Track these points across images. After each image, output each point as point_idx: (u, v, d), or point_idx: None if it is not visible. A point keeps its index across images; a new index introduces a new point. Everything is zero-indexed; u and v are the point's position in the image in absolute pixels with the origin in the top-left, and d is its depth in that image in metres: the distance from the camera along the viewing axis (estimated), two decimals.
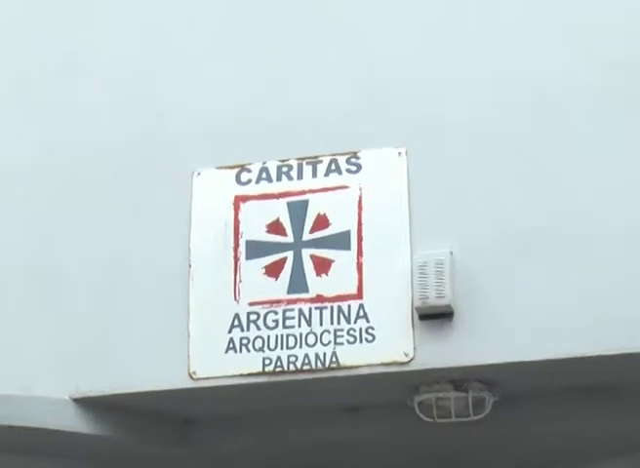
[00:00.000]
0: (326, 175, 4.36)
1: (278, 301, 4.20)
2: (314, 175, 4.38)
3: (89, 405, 4.47)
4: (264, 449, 5.08)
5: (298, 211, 4.35)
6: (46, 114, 5.20)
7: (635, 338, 3.91)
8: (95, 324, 4.58)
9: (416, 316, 4.02)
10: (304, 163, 4.41)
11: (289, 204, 4.36)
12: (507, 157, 4.41)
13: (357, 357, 4.07)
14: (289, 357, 4.13)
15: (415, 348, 4.03)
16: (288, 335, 4.18)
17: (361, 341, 4.11)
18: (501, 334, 4.07)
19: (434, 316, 4.02)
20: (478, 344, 4.03)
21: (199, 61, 5.06)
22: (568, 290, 4.08)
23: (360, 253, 4.23)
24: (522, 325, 4.07)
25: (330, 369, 4.12)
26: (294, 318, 4.20)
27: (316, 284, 4.20)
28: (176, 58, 5.11)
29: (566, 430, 4.65)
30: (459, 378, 4.12)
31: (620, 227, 4.19)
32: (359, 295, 4.15)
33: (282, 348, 4.18)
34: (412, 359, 4.02)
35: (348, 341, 4.11)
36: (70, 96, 5.15)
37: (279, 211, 4.35)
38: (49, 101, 5.22)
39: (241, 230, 4.36)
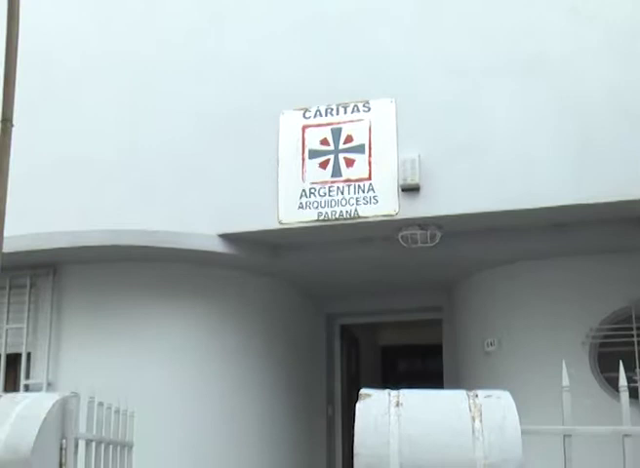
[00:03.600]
0: (351, 113, 5.87)
1: (325, 182, 5.83)
2: (345, 113, 5.88)
3: (227, 238, 6.05)
4: (323, 261, 6.72)
5: (336, 132, 5.87)
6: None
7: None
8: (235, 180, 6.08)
9: (400, 190, 5.64)
10: (340, 107, 5.90)
11: (331, 129, 5.88)
12: (453, 112, 5.75)
13: (368, 211, 5.70)
14: (332, 212, 5.75)
15: (399, 207, 5.64)
16: (331, 200, 5.77)
17: (370, 203, 5.70)
18: (442, 200, 5.61)
19: (409, 189, 5.62)
20: (431, 205, 5.60)
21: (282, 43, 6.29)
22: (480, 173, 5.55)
23: (370, 155, 5.77)
24: (455, 196, 5.60)
25: (354, 218, 5.71)
26: (334, 190, 5.79)
27: (346, 172, 5.79)
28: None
29: (488, 248, 6.20)
30: (422, 223, 5.73)
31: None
32: (369, 178, 5.76)
33: (328, 207, 5.79)
34: (397, 213, 5.63)
35: (364, 203, 5.71)
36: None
37: (326, 132, 5.88)
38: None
39: (306, 143, 5.91)
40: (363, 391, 2.67)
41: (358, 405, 2.60)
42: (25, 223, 5.77)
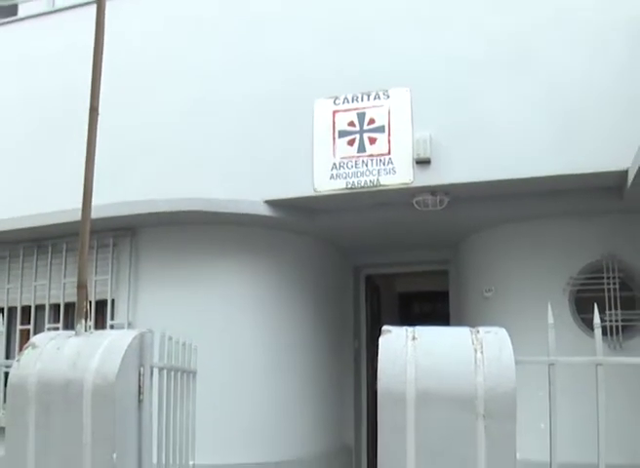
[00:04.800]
0: (374, 100, 5.86)
1: (352, 156, 5.84)
2: (368, 100, 5.86)
3: (271, 203, 6.08)
4: (351, 222, 6.66)
5: (361, 116, 5.87)
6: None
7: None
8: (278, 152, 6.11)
9: (414, 162, 5.65)
10: (364, 95, 5.89)
11: (357, 113, 5.88)
12: (459, 97, 5.67)
13: (388, 181, 5.72)
14: (357, 181, 5.78)
15: (413, 177, 5.66)
16: (357, 172, 5.81)
17: (390, 174, 5.72)
18: (449, 171, 5.60)
19: (422, 162, 5.62)
20: (440, 175, 5.61)
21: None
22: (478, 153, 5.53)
23: (389, 134, 5.77)
24: (460, 168, 5.60)
25: (376, 186, 5.74)
26: (359, 163, 5.80)
27: (369, 148, 5.80)
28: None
29: (488, 212, 6.18)
30: (432, 190, 5.73)
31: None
32: (389, 153, 5.76)
33: (354, 177, 5.82)
34: (412, 182, 5.65)
35: (384, 174, 5.74)
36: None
37: (352, 116, 5.89)
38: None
39: (336, 125, 5.94)
40: (385, 328, 2.68)
41: (380, 339, 2.62)
42: (108, 193, 5.76)
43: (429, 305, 11.81)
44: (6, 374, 3.00)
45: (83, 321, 3.05)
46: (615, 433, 3.34)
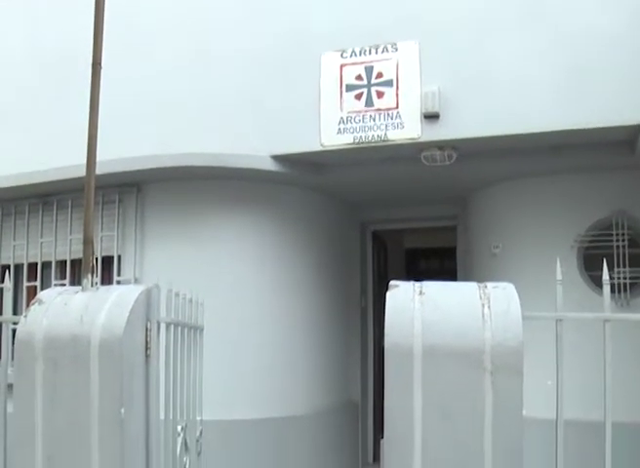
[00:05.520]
0: (382, 53, 5.77)
1: (360, 111, 5.76)
2: (376, 53, 5.77)
3: (278, 158, 6.05)
4: (358, 178, 6.70)
5: (368, 70, 5.78)
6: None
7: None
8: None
9: (422, 117, 5.56)
10: (372, 48, 5.79)
11: (365, 67, 5.79)
12: (466, 51, 5.58)
13: (396, 135, 5.65)
14: (365, 136, 5.71)
15: (421, 131, 5.58)
16: (364, 126, 5.73)
17: (397, 129, 5.64)
18: (457, 125, 5.53)
19: (430, 116, 5.54)
20: (448, 130, 5.53)
21: None
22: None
23: (397, 88, 5.69)
24: (469, 122, 5.53)
25: (383, 141, 5.68)
26: (367, 118, 5.71)
27: (377, 103, 5.72)
28: None
29: (496, 167, 6.23)
30: (441, 145, 5.65)
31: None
32: (397, 107, 5.68)
33: (362, 132, 5.70)
34: (420, 136, 5.58)
35: (392, 128, 5.67)
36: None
37: (360, 70, 5.80)
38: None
39: (343, 79, 5.85)
40: (392, 283, 2.68)
41: (388, 293, 2.62)
42: (113, 149, 5.67)
43: (436, 262, 11.84)
44: (14, 331, 3.00)
45: (89, 276, 3.06)
46: (621, 391, 3.36)
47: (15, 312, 6.12)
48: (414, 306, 2.52)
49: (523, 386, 2.49)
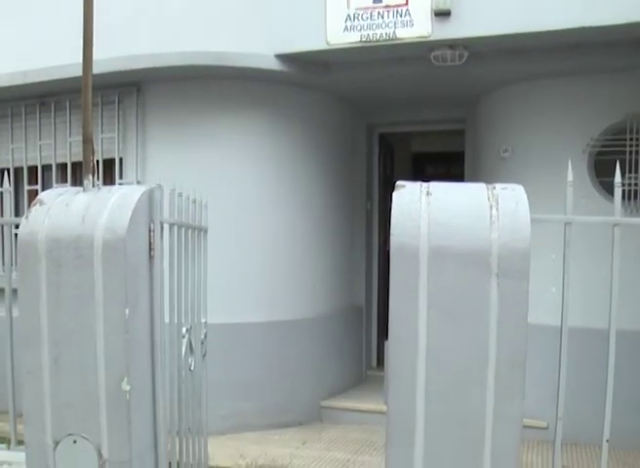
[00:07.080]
0: None
1: (367, 7, 5.64)
2: None
3: (282, 57, 6.04)
4: (366, 78, 6.56)
5: None
6: None
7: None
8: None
9: (433, 14, 5.47)
10: None
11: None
12: None
13: (405, 34, 5.53)
14: (373, 34, 5.62)
15: (432, 29, 5.50)
16: (372, 24, 5.57)
17: (407, 26, 5.53)
18: (469, 23, 5.36)
19: (441, 14, 5.45)
20: (460, 28, 5.43)
21: None
22: None
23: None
24: (481, 20, 5.35)
25: (392, 39, 5.60)
26: (375, 15, 5.56)
27: None
28: None
29: (507, 68, 6.05)
30: (451, 44, 5.59)
31: None
32: (406, 4, 5.56)
33: (369, 29, 5.65)
34: (430, 35, 5.51)
35: (401, 26, 5.57)
36: None
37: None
38: None
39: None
40: (399, 183, 2.66)
41: (395, 193, 2.60)
42: (112, 47, 5.68)
43: (444, 166, 11.73)
44: (16, 235, 2.99)
45: (90, 176, 3.04)
46: (628, 299, 3.40)
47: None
48: (420, 207, 2.50)
49: (529, 291, 2.49)
